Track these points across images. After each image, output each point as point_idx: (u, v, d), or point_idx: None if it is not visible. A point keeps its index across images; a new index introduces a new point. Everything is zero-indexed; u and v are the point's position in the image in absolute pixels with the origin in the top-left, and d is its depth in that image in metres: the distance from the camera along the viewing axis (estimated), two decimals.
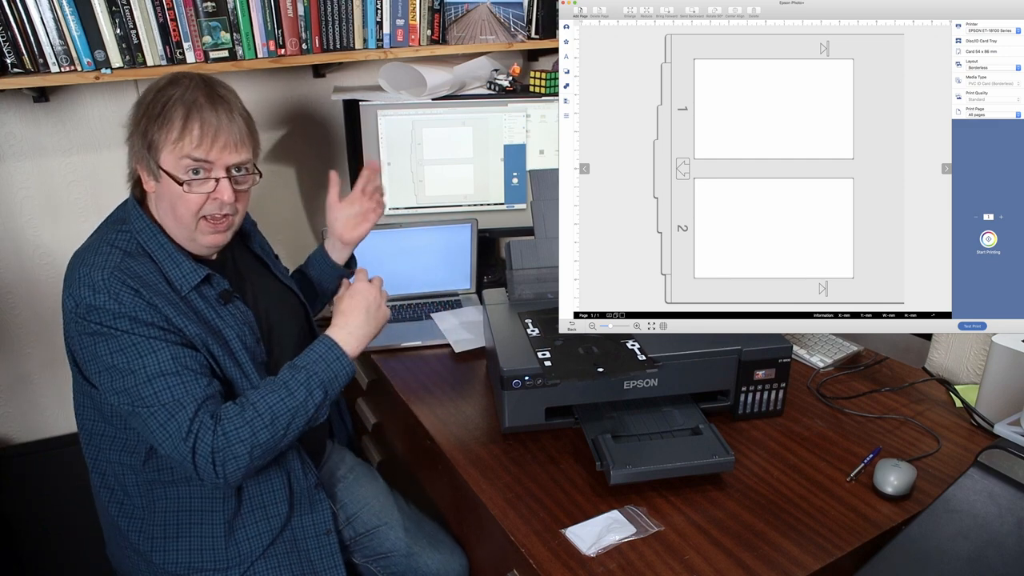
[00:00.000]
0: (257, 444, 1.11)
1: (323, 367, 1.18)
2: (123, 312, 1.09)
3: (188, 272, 1.18)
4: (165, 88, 1.15)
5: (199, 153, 1.14)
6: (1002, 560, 0.94)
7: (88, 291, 1.09)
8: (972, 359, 1.58)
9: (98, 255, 1.13)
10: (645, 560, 1.09)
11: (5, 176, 1.68)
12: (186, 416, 1.08)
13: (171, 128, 1.13)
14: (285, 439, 1.14)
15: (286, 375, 1.17)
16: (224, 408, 1.12)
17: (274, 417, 1.12)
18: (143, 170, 1.17)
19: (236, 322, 1.22)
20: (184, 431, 1.08)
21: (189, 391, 1.10)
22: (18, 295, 1.76)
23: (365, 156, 1.93)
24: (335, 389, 1.20)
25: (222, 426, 1.10)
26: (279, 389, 1.15)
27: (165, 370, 1.09)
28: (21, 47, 1.47)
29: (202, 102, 1.14)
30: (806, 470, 1.28)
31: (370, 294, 1.27)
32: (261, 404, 1.12)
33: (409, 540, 1.43)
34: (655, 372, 1.30)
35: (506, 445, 1.35)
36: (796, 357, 1.61)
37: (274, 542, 1.26)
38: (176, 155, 1.13)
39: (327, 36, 1.74)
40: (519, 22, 1.94)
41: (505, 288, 1.57)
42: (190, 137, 1.13)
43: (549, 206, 1.60)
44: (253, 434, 1.10)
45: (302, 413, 1.15)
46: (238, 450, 1.09)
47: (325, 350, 1.20)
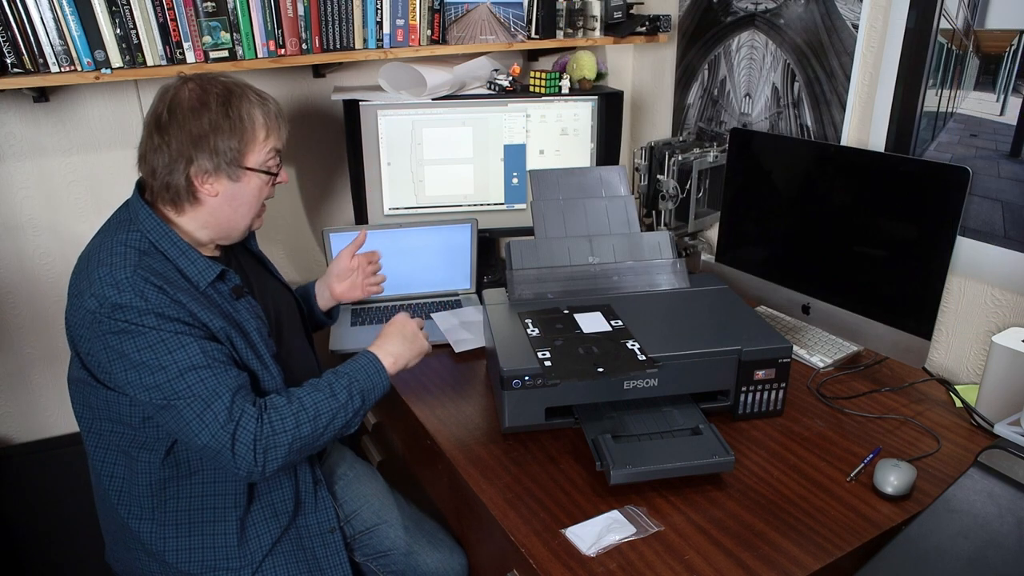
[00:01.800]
0: (299, 437, 1.14)
1: (364, 376, 1.24)
2: (149, 309, 1.10)
3: (204, 268, 1.21)
4: (224, 95, 1.20)
5: (280, 144, 1.27)
6: (1002, 560, 0.94)
7: (112, 290, 1.10)
8: (972, 359, 1.58)
9: (114, 255, 1.14)
10: (645, 560, 1.09)
11: (5, 176, 1.68)
12: (223, 405, 1.11)
13: (257, 128, 1.22)
14: (323, 438, 1.18)
15: (329, 378, 1.22)
16: (272, 399, 1.16)
17: (317, 413, 1.17)
18: (211, 177, 1.20)
19: (251, 315, 1.26)
20: (223, 419, 1.10)
21: (222, 381, 1.12)
22: (18, 295, 1.76)
23: (365, 156, 1.93)
24: (371, 399, 1.25)
25: (268, 415, 1.13)
26: (323, 389, 1.20)
27: (196, 363, 1.11)
28: (21, 47, 1.47)
29: (263, 100, 1.24)
30: (806, 470, 1.28)
31: (407, 325, 1.36)
32: (307, 399, 1.17)
33: (408, 539, 1.43)
34: (655, 372, 1.30)
35: (506, 445, 1.35)
36: (796, 357, 1.61)
37: (280, 540, 1.27)
38: (264, 150, 1.23)
39: (327, 36, 1.74)
40: (519, 22, 1.94)
41: (505, 288, 1.57)
42: (275, 133, 1.25)
43: (549, 206, 1.61)
44: (297, 426, 1.14)
45: (341, 415, 1.19)
46: (281, 440, 1.13)
47: (367, 362, 1.26)
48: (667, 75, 2.23)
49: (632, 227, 1.61)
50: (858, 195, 1.52)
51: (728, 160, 1.78)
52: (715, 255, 1.87)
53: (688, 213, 2.00)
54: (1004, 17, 1.39)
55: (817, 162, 1.61)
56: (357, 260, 1.62)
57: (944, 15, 1.48)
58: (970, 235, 1.51)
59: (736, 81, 1.99)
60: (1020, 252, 1.44)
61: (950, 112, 1.51)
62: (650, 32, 2.06)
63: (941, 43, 1.49)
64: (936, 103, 1.53)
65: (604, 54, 2.25)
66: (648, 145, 2.01)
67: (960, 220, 1.36)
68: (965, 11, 1.44)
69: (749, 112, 1.97)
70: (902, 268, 1.45)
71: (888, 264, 1.48)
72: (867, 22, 1.63)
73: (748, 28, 1.92)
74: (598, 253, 1.59)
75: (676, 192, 1.95)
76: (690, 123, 2.18)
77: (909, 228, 1.43)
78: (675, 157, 1.95)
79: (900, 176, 1.44)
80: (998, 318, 1.52)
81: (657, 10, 2.12)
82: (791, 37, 1.80)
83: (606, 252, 1.59)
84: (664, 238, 1.61)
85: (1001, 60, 1.41)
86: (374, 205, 1.98)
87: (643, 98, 2.35)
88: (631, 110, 2.38)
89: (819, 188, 1.61)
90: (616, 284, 1.57)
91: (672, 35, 2.16)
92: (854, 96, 1.70)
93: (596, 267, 1.58)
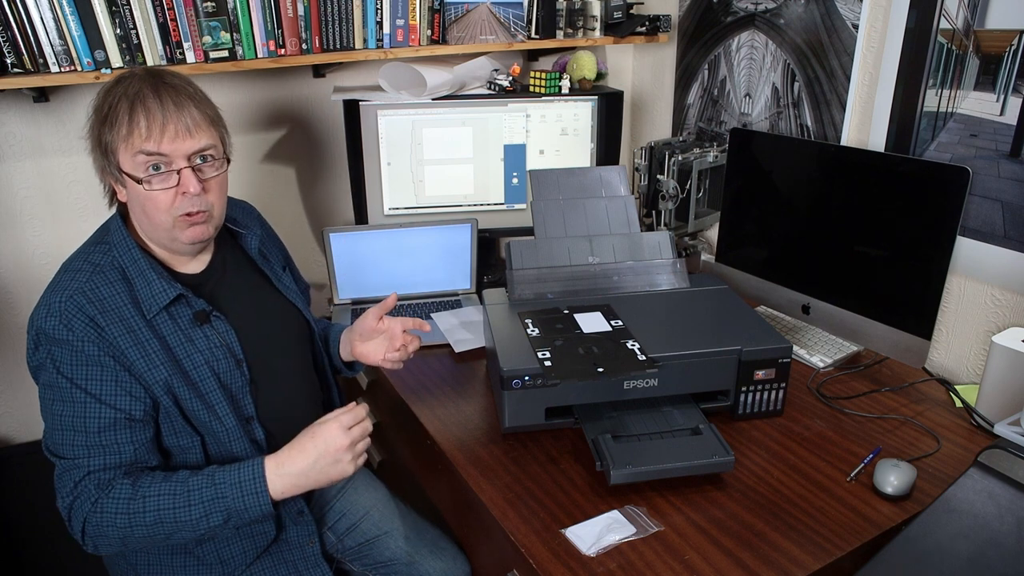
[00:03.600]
0: (131, 537, 1.07)
1: (236, 494, 1.07)
2: (69, 340, 1.07)
3: (158, 292, 1.13)
4: (112, 88, 1.11)
5: (150, 146, 1.07)
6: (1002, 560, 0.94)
7: (43, 311, 1.09)
8: (972, 359, 1.58)
9: (66, 273, 1.12)
10: (645, 560, 1.09)
11: (5, 176, 1.68)
12: (72, 480, 1.07)
13: (119, 125, 1.07)
14: (168, 542, 1.09)
15: (197, 483, 1.08)
16: (117, 486, 1.07)
17: (158, 520, 1.06)
18: (110, 179, 1.14)
19: (209, 345, 1.17)
20: (67, 489, 1.07)
21: (92, 456, 1.07)
22: (18, 295, 1.76)
23: (365, 156, 1.93)
24: (242, 519, 1.09)
25: (103, 503, 1.06)
26: (179, 495, 1.06)
27: (77, 426, 1.07)
28: (21, 47, 1.47)
29: (146, 93, 1.08)
30: (806, 470, 1.28)
31: (336, 442, 1.09)
32: (151, 501, 1.06)
33: (410, 548, 1.42)
34: (655, 372, 1.30)
35: (506, 445, 1.35)
36: (796, 357, 1.61)
37: (259, 557, 1.25)
38: (130, 153, 1.08)
39: (327, 36, 1.74)
40: (519, 22, 1.94)
41: (505, 288, 1.57)
42: (138, 131, 1.07)
43: (549, 206, 1.61)
44: (129, 526, 1.06)
45: (189, 529, 1.07)
46: (108, 532, 1.06)
47: (248, 478, 1.08)
48: (667, 75, 2.23)
49: (632, 227, 1.61)
50: (858, 195, 1.52)
51: (728, 160, 1.78)
52: (715, 255, 1.87)
53: (688, 213, 2.00)
54: (1004, 17, 1.39)
55: (817, 162, 1.61)
56: (387, 323, 1.38)
57: (944, 15, 1.48)
58: (970, 235, 1.51)
59: (736, 81, 1.99)
60: (1020, 252, 1.44)
61: (950, 112, 1.51)
62: (650, 32, 2.06)
63: (941, 43, 1.49)
64: (936, 103, 1.53)
65: (604, 54, 2.25)
66: (648, 145, 2.01)
67: (960, 220, 1.36)
68: (965, 11, 1.44)
69: (749, 112, 1.97)
70: (902, 268, 1.45)
71: (888, 264, 1.48)
72: (867, 22, 1.63)
73: (748, 28, 1.92)
74: (598, 253, 1.59)
75: (676, 192, 1.95)
76: (690, 123, 2.18)
77: (909, 228, 1.43)
78: (675, 157, 1.95)
79: (900, 176, 1.44)
80: (998, 318, 1.51)
81: (657, 10, 2.12)
82: (791, 37, 1.80)
83: (606, 252, 1.59)
84: (664, 238, 1.61)
85: (1001, 60, 1.41)
86: (374, 205, 1.98)
87: (643, 98, 2.35)
88: (631, 110, 2.38)
89: (819, 188, 1.61)
90: (616, 284, 1.57)
91: (672, 35, 2.16)
92: (854, 96, 1.70)
93: (596, 267, 1.58)
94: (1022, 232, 1.43)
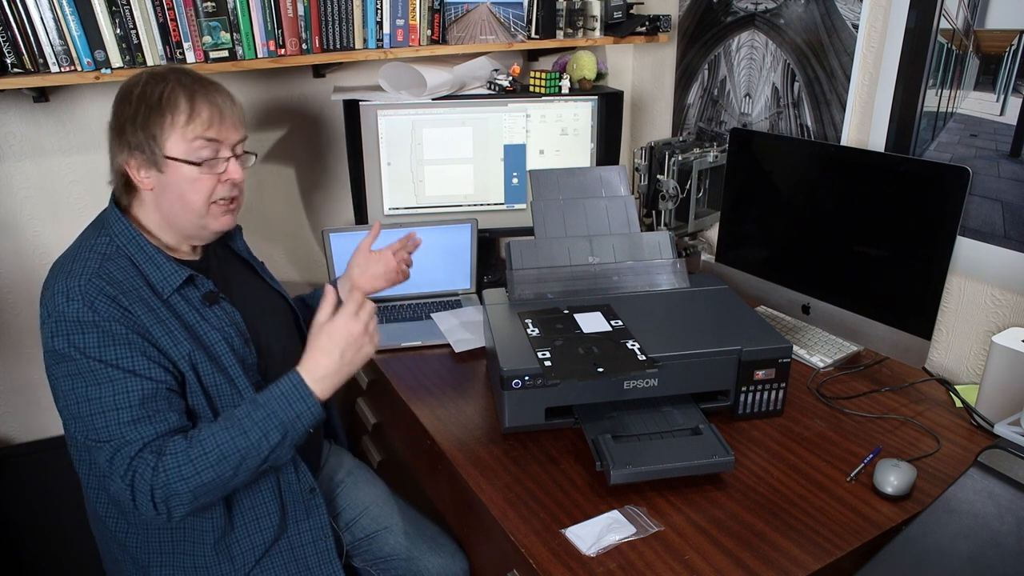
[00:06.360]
0: (202, 484, 1.06)
1: (284, 407, 1.10)
2: (96, 321, 1.07)
3: (169, 273, 1.16)
4: (151, 82, 1.15)
5: (212, 133, 1.15)
6: (1002, 560, 0.94)
7: (62, 299, 1.08)
8: (972, 359, 1.58)
9: (76, 262, 1.12)
10: (645, 560, 1.09)
11: (5, 176, 1.68)
12: (126, 456, 1.06)
13: (177, 113, 1.13)
14: (236, 479, 1.09)
15: (244, 411, 1.10)
16: (171, 443, 1.08)
17: (221, 456, 1.07)
18: (140, 166, 1.15)
19: (222, 323, 1.20)
20: (123, 469, 1.06)
21: (139, 430, 1.07)
22: (18, 295, 1.76)
23: (365, 156, 1.93)
24: (297, 431, 1.12)
25: (164, 462, 1.05)
26: (232, 426, 1.08)
27: (119, 404, 1.07)
28: (21, 47, 1.47)
29: (200, 87, 1.16)
30: (806, 470, 1.28)
31: (352, 331, 1.14)
32: (208, 442, 1.07)
33: (409, 544, 1.42)
34: (655, 372, 1.30)
35: (506, 445, 1.35)
36: (796, 357, 1.61)
37: (270, 551, 1.24)
38: (188, 138, 1.14)
39: (327, 36, 1.74)
40: (519, 22, 1.94)
41: (505, 288, 1.57)
42: (200, 119, 1.14)
43: (549, 206, 1.61)
44: (196, 473, 1.06)
45: (254, 455, 1.09)
46: (179, 488, 1.05)
47: (290, 388, 1.11)
48: (667, 75, 2.23)
49: (632, 227, 1.61)
50: (858, 195, 1.52)
51: (728, 160, 1.78)
52: (715, 255, 1.87)
53: (688, 213, 2.00)
54: (1004, 17, 1.39)
55: (817, 162, 1.61)
56: (387, 253, 1.51)
57: (944, 15, 1.48)
58: (970, 235, 1.51)
59: (736, 81, 1.99)
60: (1020, 252, 1.44)
61: (950, 112, 1.51)
62: (650, 32, 2.06)
63: (941, 43, 1.49)
64: (936, 103, 1.53)
65: (604, 54, 2.25)
66: (648, 145, 2.01)
67: (960, 220, 1.36)
68: (965, 11, 1.44)
69: (749, 112, 1.97)
70: (902, 268, 1.45)
71: (888, 264, 1.48)
72: (867, 22, 1.63)
73: (748, 28, 1.92)
74: (598, 253, 1.59)
75: (676, 192, 1.95)
76: (690, 123, 2.18)
77: (909, 228, 1.43)
78: (675, 157, 1.95)
79: (900, 176, 1.44)
80: (998, 318, 1.51)
81: (657, 10, 2.12)
82: (791, 37, 1.80)
83: (606, 252, 1.59)
84: (664, 238, 1.61)
85: (1001, 60, 1.41)
86: (374, 205, 1.98)
87: (643, 98, 2.35)
88: (631, 110, 2.38)
89: (819, 188, 1.61)
90: (616, 284, 1.57)
91: (672, 35, 2.16)
92: (854, 96, 1.70)
93: (596, 267, 1.58)
94: (1022, 232, 1.43)
